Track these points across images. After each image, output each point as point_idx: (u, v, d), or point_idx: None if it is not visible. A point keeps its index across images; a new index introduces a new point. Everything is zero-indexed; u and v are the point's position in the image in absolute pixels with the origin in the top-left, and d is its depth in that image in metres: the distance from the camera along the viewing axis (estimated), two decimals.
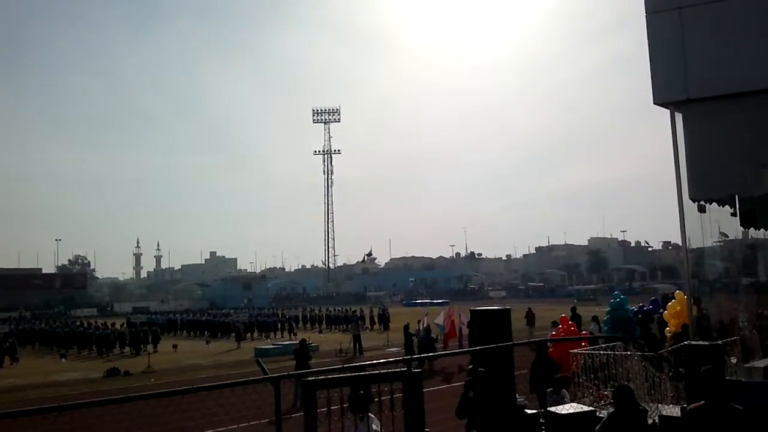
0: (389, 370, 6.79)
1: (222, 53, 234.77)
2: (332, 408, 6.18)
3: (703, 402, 5.97)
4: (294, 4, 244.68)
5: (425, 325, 28.53)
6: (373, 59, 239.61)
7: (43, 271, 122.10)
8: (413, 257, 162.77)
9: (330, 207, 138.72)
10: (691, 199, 9.59)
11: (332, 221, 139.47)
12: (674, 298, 18.75)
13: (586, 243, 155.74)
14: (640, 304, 23.21)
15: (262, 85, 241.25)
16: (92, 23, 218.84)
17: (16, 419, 4.85)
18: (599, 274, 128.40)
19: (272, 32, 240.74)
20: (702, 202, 9.84)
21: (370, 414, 10.20)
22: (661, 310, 21.36)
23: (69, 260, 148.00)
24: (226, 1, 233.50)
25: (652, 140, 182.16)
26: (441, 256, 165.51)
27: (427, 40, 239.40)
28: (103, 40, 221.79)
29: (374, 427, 9.40)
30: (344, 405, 6.21)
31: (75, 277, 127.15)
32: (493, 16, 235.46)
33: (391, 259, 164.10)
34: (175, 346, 36.98)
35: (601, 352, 10.16)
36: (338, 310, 53.38)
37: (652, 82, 9.65)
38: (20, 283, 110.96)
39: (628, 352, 10.30)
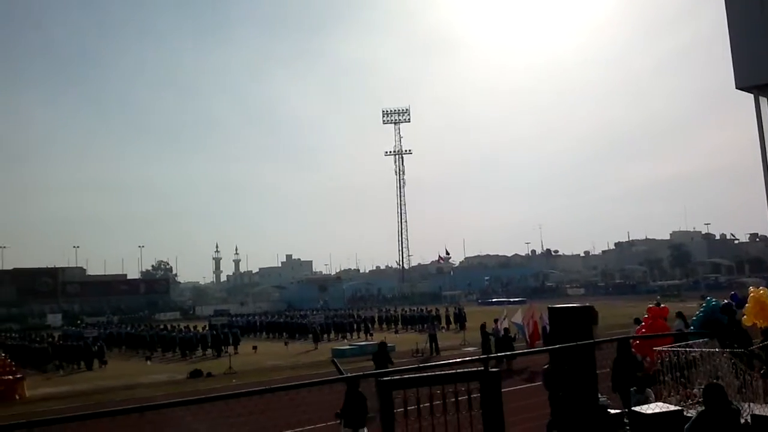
0: (466, 370, 6.67)
1: (289, 61, 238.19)
2: (409, 408, 6.13)
3: None
4: (358, 9, 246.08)
5: (504, 324, 28.16)
6: (439, 58, 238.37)
7: (128, 277, 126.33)
8: (488, 256, 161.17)
9: (403, 207, 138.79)
10: None
11: (405, 221, 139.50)
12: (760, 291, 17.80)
13: (668, 237, 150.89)
14: (725, 301, 22.12)
15: (330, 90, 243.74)
16: (162, 35, 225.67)
17: (100, 419, 4.98)
18: (682, 269, 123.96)
19: (337, 38, 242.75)
20: None
21: (365, 429, 10.20)
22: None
23: (152, 266, 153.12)
24: (292, 9, 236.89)
25: (735, 127, 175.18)
26: (516, 254, 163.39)
27: (492, 37, 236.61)
28: (174, 51, 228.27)
29: None
30: (421, 405, 6.14)
31: (158, 282, 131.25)
32: (558, 10, 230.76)
33: (465, 258, 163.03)
34: (255, 348, 37.76)
35: (687, 349, 9.76)
36: (413, 310, 53.29)
37: (734, 66, 9.22)
38: (107, 288, 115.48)
39: (716, 349, 9.87)
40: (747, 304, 17.49)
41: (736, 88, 9.26)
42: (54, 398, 24.26)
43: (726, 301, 18.37)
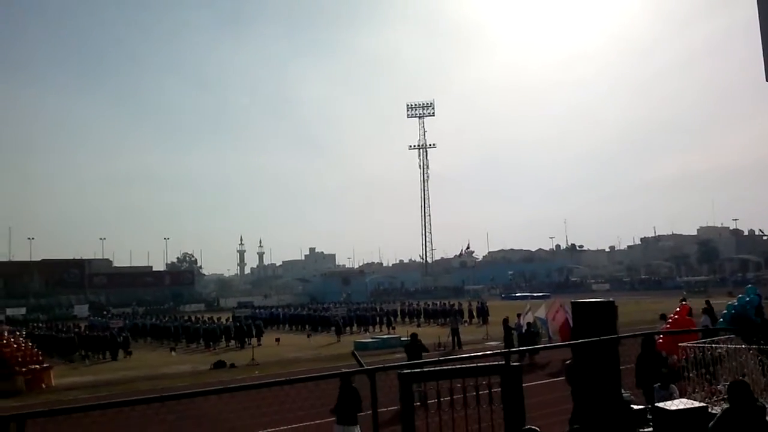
0: (487, 364, 6.62)
1: (313, 54, 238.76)
2: (429, 402, 6.10)
3: None
4: (381, 1, 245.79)
5: (528, 318, 27.99)
6: (464, 52, 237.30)
7: (154, 269, 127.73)
8: (512, 250, 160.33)
9: (426, 201, 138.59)
10: None
11: (429, 215, 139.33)
12: None
13: (695, 233, 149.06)
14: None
15: (354, 83, 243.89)
16: (186, 30, 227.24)
17: (120, 409, 5.02)
18: (710, 265, 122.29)
19: (361, 30, 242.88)
20: None
21: (358, 426, 10.15)
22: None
23: (177, 258, 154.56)
24: (316, 2, 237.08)
25: (765, 121, 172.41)
26: (540, 249, 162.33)
27: (517, 31, 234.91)
28: (200, 46, 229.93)
29: None
30: (441, 399, 6.11)
31: (183, 274, 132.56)
32: (584, 2, 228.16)
33: (489, 252, 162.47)
34: (277, 340, 37.95)
35: (713, 345, 9.61)
36: (436, 304, 53.23)
37: (765, 59, 9.01)
38: (133, 280, 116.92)
39: (742, 346, 9.71)
40: None
41: (767, 80, 9.05)
42: (79, 387, 24.58)
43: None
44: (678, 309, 18.07)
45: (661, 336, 14.90)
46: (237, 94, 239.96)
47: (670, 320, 17.75)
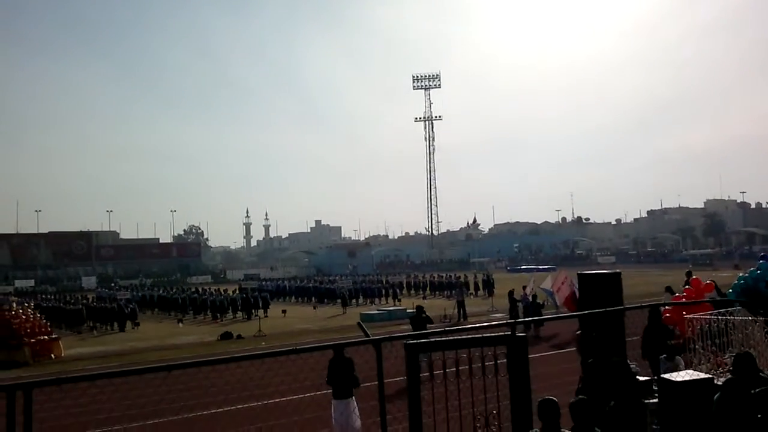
0: (492, 334, 6.61)
1: (319, 27, 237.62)
2: (435, 372, 6.10)
3: None
4: None
5: (531, 290, 28.01)
6: (471, 23, 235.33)
7: (161, 241, 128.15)
8: (517, 223, 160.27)
9: (432, 174, 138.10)
10: None
11: (435, 188, 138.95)
12: None
13: (702, 206, 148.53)
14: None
15: (359, 56, 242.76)
16: (191, 4, 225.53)
17: (127, 378, 5.03)
18: (716, 238, 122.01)
19: (366, 2, 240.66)
20: None
21: (353, 398, 10.12)
22: None
23: (184, 230, 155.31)
24: None
25: None
26: (546, 222, 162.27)
27: (525, 5, 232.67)
28: (205, 20, 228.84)
29: (356, 409, 9.47)
30: (447, 369, 6.10)
31: (190, 246, 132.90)
32: None
33: (495, 225, 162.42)
34: (284, 312, 38.19)
35: (720, 317, 9.58)
36: (442, 277, 53.32)
37: None
38: (140, 252, 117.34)
39: (749, 317, 9.68)
40: None
41: None
42: (87, 358, 24.80)
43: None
44: (688, 287, 17.94)
45: (668, 308, 14.85)
46: (242, 67, 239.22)
47: (685, 292, 17.59)
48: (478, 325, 7.38)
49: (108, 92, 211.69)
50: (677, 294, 18.16)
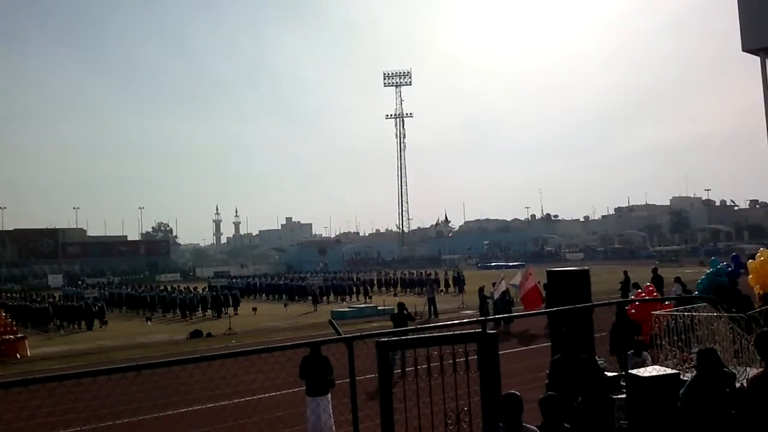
0: (464, 332, 6.67)
1: (290, 21, 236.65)
2: (407, 369, 6.13)
3: (762, 369, 5.43)
4: None
5: (502, 287, 28.17)
6: (440, 20, 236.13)
7: (129, 238, 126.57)
8: (488, 220, 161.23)
9: (403, 171, 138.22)
10: None
11: (406, 185, 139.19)
12: (760, 258, 17.76)
13: (668, 203, 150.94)
14: (724, 263, 22.08)
15: (331, 51, 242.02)
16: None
17: (95, 378, 4.97)
18: (682, 235, 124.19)
19: None
20: None
21: (327, 395, 10.16)
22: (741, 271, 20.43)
23: (153, 227, 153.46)
24: None
25: (739, 91, 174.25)
26: (516, 219, 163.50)
27: (494, 1, 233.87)
28: (176, 13, 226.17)
29: (329, 406, 9.47)
30: (418, 366, 6.14)
31: (158, 243, 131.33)
32: None
33: (465, 222, 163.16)
34: (254, 309, 38.01)
35: (685, 313, 9.75)
36: (413, 274, 53.45)
37: (741, 28, 9.10)
38: (107, 250, 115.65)
39: (714, 314, 9.86)
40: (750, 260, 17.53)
41: (743, 50, 9.15)
42: (54, 357, 24.42)
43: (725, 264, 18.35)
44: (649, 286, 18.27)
45: (634, 304, 15.08)
46: (213, 61, 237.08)
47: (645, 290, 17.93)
48: (449, 322, 7.42)
49: (76, 87, 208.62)
50: (640, 290, 18.53)
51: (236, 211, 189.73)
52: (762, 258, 17.13)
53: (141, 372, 5.14)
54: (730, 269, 18.05)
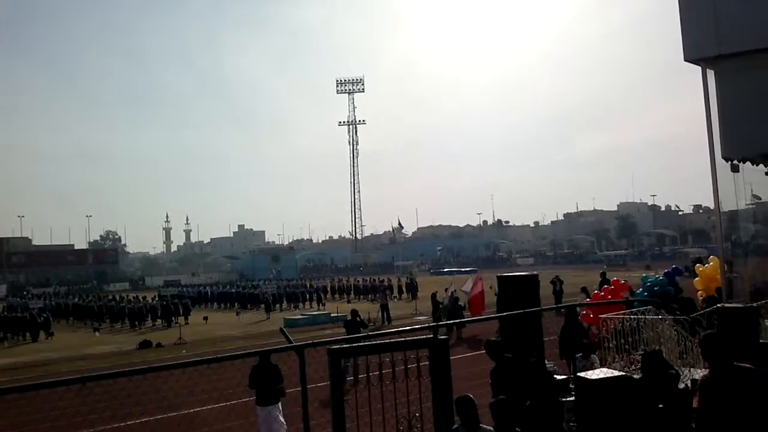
0: (415, 338, 6.70)
1: (242, 27, 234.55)
2: (359, 376, 6.13)
3: (708, 371, 5.54)
4: None
5: (452, 292, 28.31)
6: (393, 27, 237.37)
7: (75, 247, 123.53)
8: (440, 226, 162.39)
9: (356, 177, 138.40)
10: (723, 158, 9.33)
11: (359, 192, 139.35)
12: (709, 263, 18.38)
13: (615, 208, 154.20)
14: (666, 270, 22.69)
15: (284, 58, 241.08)
16: (114, 1, 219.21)
17: (38, 392, 4.84)
18: (629, 239, 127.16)
19: (291, 4, 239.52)
20: (735, 162, 9.57)
21: (278, 404, 10.15)
22: (686, 274, 21.06)
23: (100, 236, 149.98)
24: None
25: (683, 99, 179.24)
26: (468, 225, 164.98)
27: (444, 8, 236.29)
28: (125, 18, 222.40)
29: (280, 415, 9.54)
30: (370, 373, 6.15)
31: (106, 252, 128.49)
32: None
33: (418, 229, 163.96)
34: (205, 318, 37.48)
35: (632, 316, 9.98)
36: (366, 280, 53.47)
37: (683, 38, 9.31)
38: (53, 259, 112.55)
39: (660, 317, 10.11)
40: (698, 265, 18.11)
41: (685, 60, 9.37)
42: None
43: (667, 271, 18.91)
44: (607, 286, 18.62)
45: (585, 308, 15.36)
46: (163, 67, 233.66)
47: (604, 292, 18.24)
48: (401, 328, 7.44)
49: (20, 92, 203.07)
50: (595, 292, 18.90)
51: (187, 219, 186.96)
52: (712, 263, 17.73)
53: (86, 384, 5.03)
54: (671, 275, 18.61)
